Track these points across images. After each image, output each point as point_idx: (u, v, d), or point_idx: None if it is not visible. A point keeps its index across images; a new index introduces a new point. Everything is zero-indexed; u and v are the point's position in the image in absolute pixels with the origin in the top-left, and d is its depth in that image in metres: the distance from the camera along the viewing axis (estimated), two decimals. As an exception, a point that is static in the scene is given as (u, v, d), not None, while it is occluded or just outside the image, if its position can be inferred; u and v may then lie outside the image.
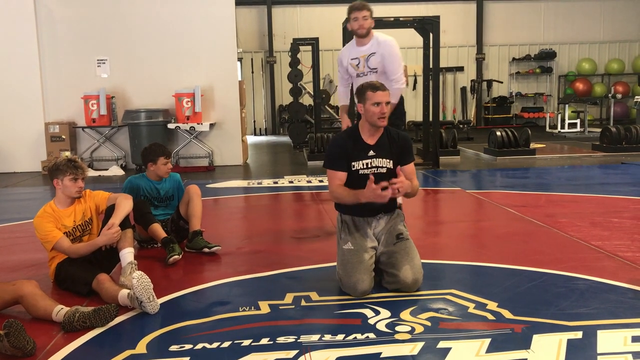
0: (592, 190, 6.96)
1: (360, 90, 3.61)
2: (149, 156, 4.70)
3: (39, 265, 4.12)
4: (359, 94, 3.62)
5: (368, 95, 3.53)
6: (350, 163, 3.56)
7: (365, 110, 3.55)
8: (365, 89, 3.57)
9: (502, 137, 10.49)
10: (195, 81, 9.97)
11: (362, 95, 3.57)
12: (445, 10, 17.05)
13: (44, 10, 10.03)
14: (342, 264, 3.52)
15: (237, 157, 10.48)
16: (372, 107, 3.51)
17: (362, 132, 3.62)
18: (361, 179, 3.54)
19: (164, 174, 4.72)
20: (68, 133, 9.93)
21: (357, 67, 4.81)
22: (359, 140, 3.61)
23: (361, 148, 3.59)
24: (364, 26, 4.66)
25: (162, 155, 4.68)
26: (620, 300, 3.26)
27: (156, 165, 4.68)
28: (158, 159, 4.67)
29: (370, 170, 3.56)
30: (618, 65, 18.41)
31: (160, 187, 4.79)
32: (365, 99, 3.54)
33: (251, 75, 18.03)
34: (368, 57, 4.75)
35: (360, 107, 3.59)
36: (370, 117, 3.54)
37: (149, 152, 4.73)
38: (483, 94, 18.58)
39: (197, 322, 3.13)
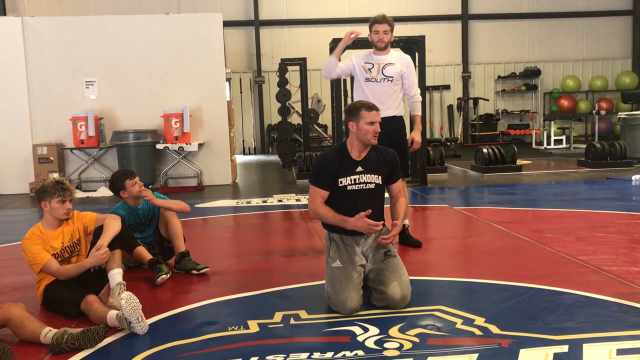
0: (578, 205, 7.03)
1: (354, 108, 3.64)
2: (116, 186, 4.66)
3: (27, 288, 4.11)
4: (351, 112, 3.64)
5: (362, 114, 3.58)
6: (337, 179, 3.60)
7: (359, 129, 3.58)
8: (359, 108, 3.61)
9: (488, 154, 10.58)
10: (183, 101, 10.01)
11: (356, 113, 3.60)
12: (431, 29, 17.28)
13: (32, 32, 10.05)
14: (330, 282, 3.53)
15: (226, 177, 10.49)
16: (366, 126, 3.56)
17: (351, 149, 3.67)
18: (348, 196, 3.59)
19: (138, 194, 4.63)
20: (56, 154, 9.91)
21: (369, 72, 4.87)
22: (346, 156, 3.65)
23: (349, 164, 3.63)
24: (384, 40, 4.80)
25: (126, 179, 4.62)
26: (605, 314, 3.30)
27: (127, 190, 4.63)
28: (124, 183, 4.62)
29: (358, 186, 3.60)
30: (602, 82, 18.68)
31: (139, 211, 4.76)
32: (359, 118, 3.58)
33: (240, 95, 18.10)
34: (385, 66, 4.85)
35: (352, 125, 3.61)
36: (363, 136, 3.58)
37: (114, 183, 4.68)
38: (469, 112, 18.75)
39: (186, 342, 3.13)
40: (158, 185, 10.04)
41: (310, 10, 18.03)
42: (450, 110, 18.78)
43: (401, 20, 17.83)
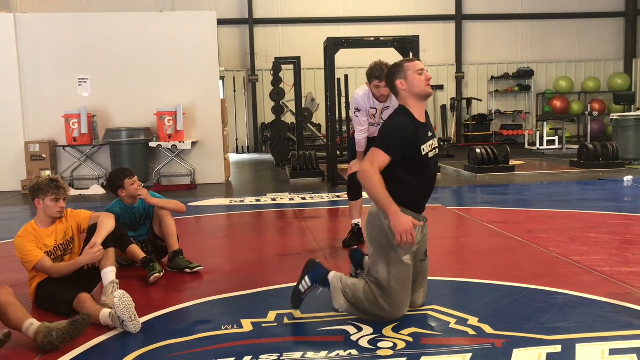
0: (571, 206, 7.06)
1: (395, 68, 3.35)
2: (115, 185, 4.64)
3: (19, 285, 4.07)
4: (394, 74, 3.33)
5: (407, 66, 3.30)
6: (420, 147, 3.26)
7: (410, 82, 3.26)
8: (400, 64, 3.34)
9: (482, 154, 10.61)
10: (177, 100, 9.98)
11: (400, 70, 3.30)
12: (425, 29, 17.30)
13: (25, 29, 9.99)
14: (397, 279, 3.19)
15: (219, 175, 10.46)
16: (417, 76, 3.27)
17: (414, 112, 3.32)
18: (427, 163, 3.33)
19: (135, 192, 4.62)
20: (48, 152, 9.86)
21: (373, 117, 4.94)
22: (417, 122, 3.30)
23: (421, 128, 3.30)
24: (385, 94, 4.75)
25: (125, 178, 4.61)
26: (598, 314, 3.31)
27: (126, 189, 4.62)
28: (123, 182, 4.61)
29: (432, 152, 3.37)
30: (594, 83, 18.76)
31: (134, 210, 4.74)
32: (406, 71, 3.28)
33: (233, 94, 18.07)
34: (383, 110, 4.91)
35: (401, 82, 3.29)
36: (418, 86, 3.26)
37: (112, 181, 4.67)
38: (463, 112, 18.79)
39: (180, 340, 3.12)
40: (151, 184, 10.01)
41: (304, 9, 18.02)
42: (444, 110, 18.81)
43: (395, 21, 17.91)
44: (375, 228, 3.26)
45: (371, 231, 3.29)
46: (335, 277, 3.38)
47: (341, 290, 3.30)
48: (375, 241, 3.26)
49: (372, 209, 3.30)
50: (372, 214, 3.29)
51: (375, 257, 3.26)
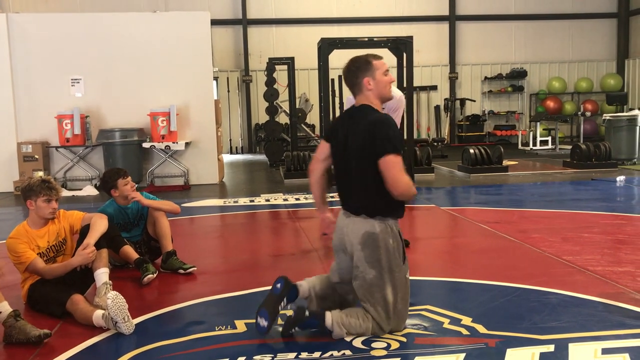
0: (564, 206, 7.09)
1: (362, 62, 3.14)
2: (108, 184, 4.64)
3: (11, 287, 4.05)
4: (360, 68, 3.13)
5: (376, 65, 3.13)
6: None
7: (377, 82, 3.12)
8: (369, 60, 3.14)
9: (475, 154, 10.64)
10: (170, 100, 9.95)
11: (368, 67, 3.12)
12: (419, 30, 17.32)
13: (17, 29, 9.94)
14: (402, 295, 3.12)
15: (213, 176, 10.44)
16: (384, 77, 3.14)
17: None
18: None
19: (129, 193, 4.62)
20: (41, 153, 9.81)
21: None
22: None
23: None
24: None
25: (118, 178, 4.60)
26: (591, 314, 3.33)
27: (119, 189, 4.61)
28: (116, 182, 4.60)
29: None
30: (587, 84, 18.84)
31: (127, 210, 4.73)
32: (375, 69, 3.12)
33: (227, 94, 18.03)
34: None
35: (368, 81, 3.12)
36: (383, 89, 3.14)
37: (106, 181, 4.67)
38: (456, 112, 18.82)
39: (173, 342, 3.11)
40: (144, 184, 9.98)
41: (298, 9, 18.01)
42: (437, 110, 18.85)
43: (389, 21, 17.93)
44: (380, 250, 3.07)
45: (375, 253, 3.07)
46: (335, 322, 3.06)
47: (346, 333, 3.08)
48: (380, 263, 3.07)
49: (370, 229, 3.07)
50: (374, 235, 3.07)
51: (379, 280, 3.07)
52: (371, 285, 3.07)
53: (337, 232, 3.24)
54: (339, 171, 3.26)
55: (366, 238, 3.08)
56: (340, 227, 3.21)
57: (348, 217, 3.17)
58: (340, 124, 3.28)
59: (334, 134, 3.28)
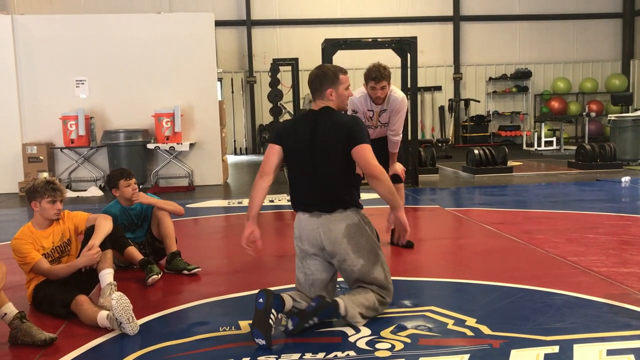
0: (568, 207, 7.07)
1: (330, 74, 3.39)
2: (110, 184, 4.66)
3: (16, 288, 4.07)
4: (326, 80, 3.38)
5: (342, 79, 3.41)
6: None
7: (339, 95, 3.40)
8: (337, 73, 3.40)
9: (479, 155, 10.62)
10: (175, 101, 9.97)
11: (334, 80, 3.38)
12: (423, 30, 17.30)
13: (22, 30, 9.98)
14: (388, 271, 3.44)
15: (217, 177, 10.46)
16: (345, 92, 3.42)
17: None
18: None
19: (130, 196, 4.62)
20: (46, 154, 9.84)
21: (370, 120, 4.91)
22: None
23: None
24: (381, 96, 4.70)
25: (120, 179, 4.61)
26: (596, 315, 3.32)
27: (120, 190, 4.62)
28: (118, 183, 4.61)
29: None
30: (592, 84, 18.79)
31: (131, 211, 4.73)
32: (339, 83, 3.39)
33: (231, 95, 18.06)
34: (380, 113, 4.88)
35: (330, 93, 3.37)
36: (342, 102, 3.42)
37: (109, 180, 4.70)
38: (461, 113, 18.81)
39: (178, 342, 3.12)
40: (149, 185, 10.00)
41: (302, 10, 18.03)
42: (442, 111, 18.83)
43: (393, 22, 17.92)
44: (362, 237, 3.30)
45: (360, 241, 3.29)
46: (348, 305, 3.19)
47: (358, 313, 3.21)
48: (365, 249, 3.30)
49: (351, 221, 3.28)
50: (356, 225, 3.29)
51: (368, 265, 3.30)
52: (360, 273, 3.30)
53: (306, 236, 3.34)
54: (301, 173, 3.39)
55: (350, 230, 3.27)
56: (310, 229, 3.31)
57: (318, 217, 3.30)
58: (302, 125, 3.42)
59: (291, 135, 3.43)
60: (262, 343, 3.00)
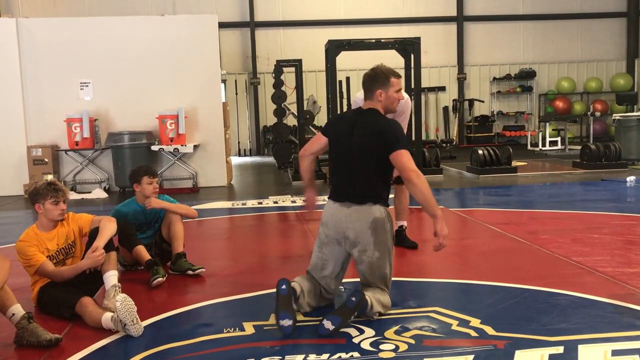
0: (573, 207, 7.05)
1: (383, 75, 3.51)
2: (133, 178, 4.69)
3: (21, 290, 4.08)
4: (379, 80, 3.50)
5: (392, 82, 3.52)
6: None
7: (388, 97, 3.52)
8: (388, 75, 3.51)
9: (484, 155, 10.60)
10: (179, 103, 9.98)
11: (385, 81, 3.50)
12: (426, 31, 17.29)
13: (27, 33, 10.01)
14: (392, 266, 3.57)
15: (221, 178, 10.47)
16: (394, 94, 3.53)
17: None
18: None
19: (149, 194, 4.64)
20: (51, 156, 9.87)
21: None
22: None
23: None
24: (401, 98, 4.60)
25: (145, 175, 4.64)
26: (600, 315, 3.31)
27: (141, 186, 4.65)
28: (141, 178, 4.64)
29: None
30: (596, 83, 18.74)
31: (146, 211, 4.72)
32: (390, 86, 3.50)
33: (235, 97, 18.08)
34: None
35: (380, 93, 3.50)
36: (391, 104, 3.54)
37: (133, 173, 4.73)
38: (465, 113, 18.78)
39: (182, 344, 3.12)
40: (153, 187, 10.00)
41: (305, 11, 18.03)
42: (446, 111, 18.80)
43: (396, 22, 17.91)
44: (386, 233, 3.45)
45: (382, 235, 3.43)
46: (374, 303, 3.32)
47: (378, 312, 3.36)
48: (383, 245, 3.44)
49: (378, 215, 3.42)
50: (382, 219, 3.43)
51: (382, 259, 3.45)
52: (375, 265, 3.45)
53: (332, 223, 3.50)
54: (339, 164, 3.57)
55: (375, 223, 3.41)
56: (338, 217, 3.47)
57: (349, 207, 3.46)
58: (345, 122, 3.61)
59: (335, 129, 3.63)
60: (288, 324, 3.14)
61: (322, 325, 3.13)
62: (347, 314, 3.17)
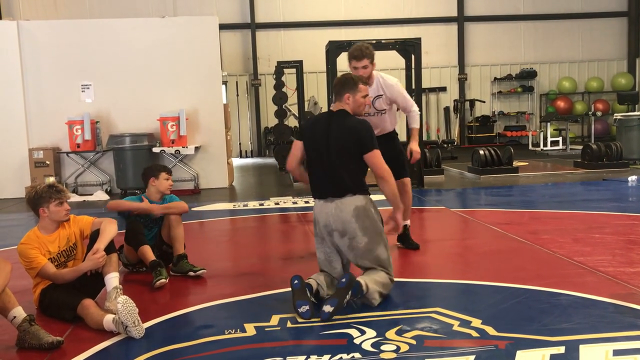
0: (575, 206, 7.04)
1: (350, 81, 3.82)
2: (151, 172, 4.74)
3: (23, 292, 4.08)
4: (346, 84, 3.81)
5: (360, 88, 3.82)
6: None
7: (355, 101, 3.81)
8: (356, 81, 3.83)
9: (485, 155, 10.60)
10: (180, 105, 10.00)
11: (353, 87, 3.81)
12: (427, 31, 17.30)
13: (28, 36, 10.03)
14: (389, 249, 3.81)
15: (222, 180, 10.48)
16: (361, 100, 3.83)
17: None
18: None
19: (165, 190, 4.72)
20: (52, 158, 9.89)
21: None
22: None
23: None
24: (364, 75, 4.51)
25: (163, 171, 4.75)
26: (601, 315, 3.30)
27: (158, 180, 4.70)
28: (160, 174, 4.72)
29: None
30: (597, 83, 18.73)
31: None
32: (357, 91, 3.81)
33: (236, 98, 18.10)
34: (375, 99, 4.74)
35: (348, 97, 3.80)
36: (357, 108, 3.83)
37: (151, 168, 4.80)
38: (466, 114, 18.77)
39: (183, 345, 3.12)
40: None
41: (306, 12, 18.05)
42: (447, 112, 18.80)
43: (397, 23, 17.92)
44: (367, 219, 3.69)
45: (365, 221, 3.68)
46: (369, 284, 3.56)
47: (377, 291, 3.60)
48: (369, 230, 3.69)
49: (359, 203, 3.69)
50: (362, 207, 3.70)
51: (372, 243, 3.69)
52: (365, 250, 3.68)
53: (321, 219, 3.75)
54: (316, 164, 3.82)
55: (357, 211, 3.67)
56: (325, 213, 3.73)
57: (332, 202, 3.71)
58: (321, 124, 3.87)
59: (311, 131, 3.89)
60: (305, 309, 3.38)
61: (323, 311, 3.35)
62: (341, 294, 3.39)
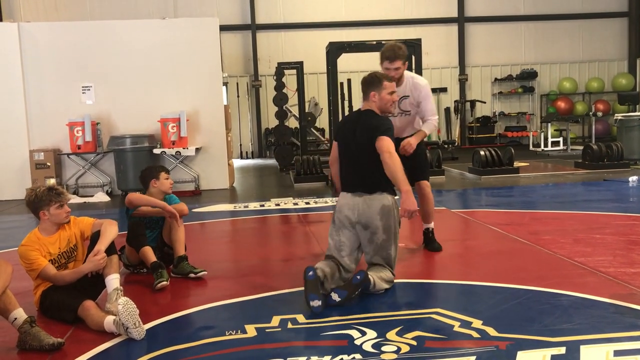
0: (575, 207, 7.04)
1: (375, 79, 3.97)
2: (151, 174, 4.73)
3: (24, 294, 4.09)
4: (372, 83, 3.95)
5: (385, 85, 3.95)
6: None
7: (381, 98, 3.96)
8: (381, 79, 3.96)
9: (486, 156, 10.60)
10: (180, 106, 10.00)
11: (378, 84, 3.95)
12: (428, 32, 17.30)
13: (29, 38, 10.05)
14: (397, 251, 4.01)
15: (223, 181, 10.48)
16: (387, 97, 3.95)
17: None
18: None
19: (167, 189, 4.73)
20: (53, 160, 9.89)
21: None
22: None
23: None
24: (395, 77, 4.47)
25: (162, 171, 4.76)
26: (602, 315, 3.30)
27: (159, 181, 4.70)
28: (159, 174, 4.72)
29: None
30: (598, 83, 18.73)
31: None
32: (382, 88, 3.95)
33: (237, 99, 18.11)
34: (401, 99, 4.67)
35: (374, 94, 3.96)
36: (384, 105, 3.97)
37: (150, 170, 4.79)
38: (467, 114, 18.78)
39: (184, 347, 3.12)
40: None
41: (306, 14, 18.07)
42: (448, 112, 18.81)
43: (398, 24, 17.93)
44: (391, 218, 3.88)
45: (389, 221, 3.88)
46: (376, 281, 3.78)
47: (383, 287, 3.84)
48: (391, 229, 3.89)
49: (386, 203, 3.86)
50: (389, 207, 3.88)
51: (388, 242, 3.89)
52: (381, 247, 3.89)
53: (346, 210, 3.92)
54: (348, 160, 4.03)
55: (384, 210, 3.86)
56: (352, 205, 3.91)
57: (360, 196, 3.90)
58: (349, 123, 4.10)
59: (342, 132, 4.13)
60: (317, 304, 3.48)
61: (330, 297, 3.55)
62: (352, 289, 3.60)
